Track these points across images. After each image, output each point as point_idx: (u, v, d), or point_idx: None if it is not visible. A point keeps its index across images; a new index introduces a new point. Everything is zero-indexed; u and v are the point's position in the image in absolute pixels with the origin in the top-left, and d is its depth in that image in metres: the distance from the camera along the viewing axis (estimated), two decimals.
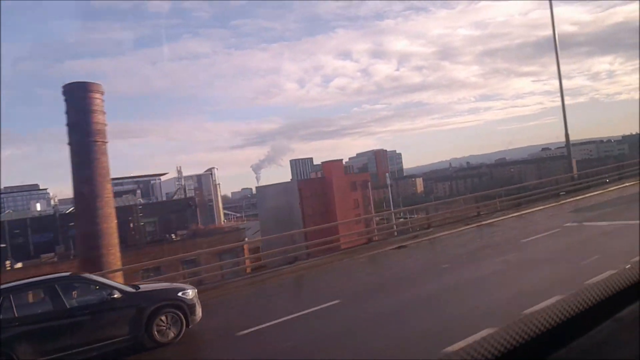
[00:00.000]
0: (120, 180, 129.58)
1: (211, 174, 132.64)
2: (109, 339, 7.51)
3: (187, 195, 78.00)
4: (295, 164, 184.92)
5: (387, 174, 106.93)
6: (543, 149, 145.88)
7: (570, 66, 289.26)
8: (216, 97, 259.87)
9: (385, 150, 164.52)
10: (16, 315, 7.09)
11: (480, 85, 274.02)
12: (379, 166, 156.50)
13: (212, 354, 8.03)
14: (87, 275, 8.44)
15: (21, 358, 6.83)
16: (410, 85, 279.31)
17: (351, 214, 50.52)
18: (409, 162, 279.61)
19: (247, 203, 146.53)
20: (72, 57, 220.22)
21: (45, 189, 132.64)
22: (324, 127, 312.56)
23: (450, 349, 5.22)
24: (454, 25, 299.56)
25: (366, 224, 36.56)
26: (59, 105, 21.90)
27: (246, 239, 40.87)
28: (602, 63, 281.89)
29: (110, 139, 23.02)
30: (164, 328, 7.88)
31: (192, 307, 8.18)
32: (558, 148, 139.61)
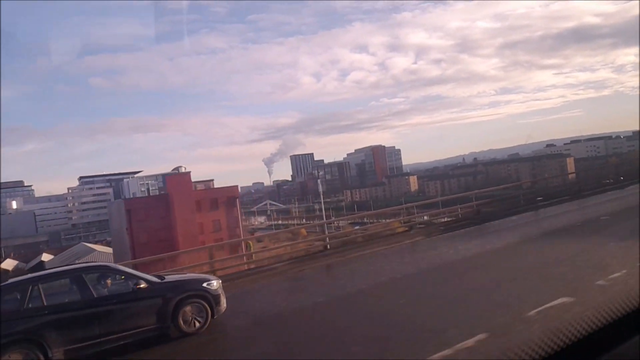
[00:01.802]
0: (92, 179, 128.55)
1: (177, 172, 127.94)
2: (136, 329, 7.78)
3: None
4: (295, 159, 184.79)
5: (318, 180, 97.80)
6: (547, 145, 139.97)
7: (594, 58, 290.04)
8: (233, 92, 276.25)
9: (384, 147, 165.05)
10: (45, 304, 7.35)
11: (500, 78, 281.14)
12: (376, 163, 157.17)
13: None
14: (113, 265, 8.72)
15: (50, 346, 7.06)
16: (429, 79, 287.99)
17: (209, 239, 41.81)
18: (424, 157, 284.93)
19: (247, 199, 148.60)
20: (91, 52, 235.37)
21: (30, 186, 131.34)
22: (341, 121, 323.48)
23: None
24: (472, 18, 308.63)
25: (230, 251, 29.44)
26: (80, 101, 22.02)
27: None
28: (627, 55, 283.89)
29: (129, 133, 23.04)
30: (190, 318, 8.18)
31: (217, 297, 8.50)
32: (566, 144, 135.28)
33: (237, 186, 62.25)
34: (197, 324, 8.24)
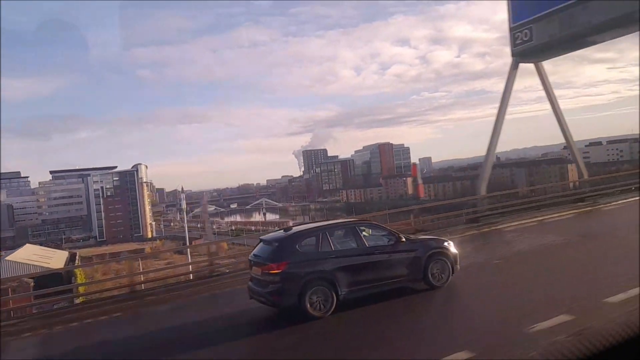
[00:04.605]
0: (62, 174, 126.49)
1: (136, 170, 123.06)
2: (395, 277, 8.97)
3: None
4: (306, 154, 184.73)
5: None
6: (564, 148, 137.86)
7: None
8: (274, 84, 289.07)
9: (391, 144, 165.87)
10: (333, 249, 8.60)
11: (548, 73, 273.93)
12: (383, 161, 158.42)
13: None
14: (375, 222, 10.20)
15: (340, 285, 8.30)
16: (472, 73, 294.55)
17: None
18: (465, 154, 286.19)
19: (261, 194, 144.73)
20: (139, 45, 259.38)
21: (26, 177, 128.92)
22: (381, 114, 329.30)
23: None
24: None
25: None
26: (129, 91, 23.16)
27: None
28: None
29: (174, 123, 23.59)
30: (437, 273, 9.27)
31: (455, 256, 9.60)
32: (587, 146, 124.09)
33: None
34: (442, 279, 9.30)
